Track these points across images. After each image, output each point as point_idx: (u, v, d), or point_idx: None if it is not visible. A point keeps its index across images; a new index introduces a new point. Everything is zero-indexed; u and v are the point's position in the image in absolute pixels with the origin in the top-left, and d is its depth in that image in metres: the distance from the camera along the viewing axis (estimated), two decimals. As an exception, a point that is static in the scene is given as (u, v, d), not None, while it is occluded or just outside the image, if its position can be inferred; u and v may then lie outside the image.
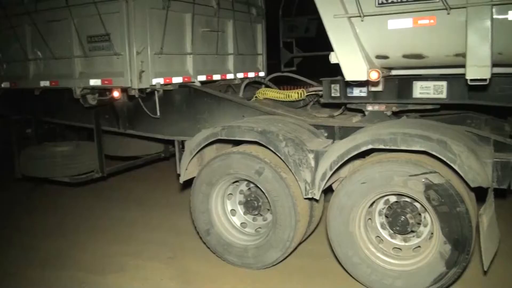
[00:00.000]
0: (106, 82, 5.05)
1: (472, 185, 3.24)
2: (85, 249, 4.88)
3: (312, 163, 3.82)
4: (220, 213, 4.40)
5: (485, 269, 3.27)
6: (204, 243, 4.49)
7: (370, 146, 3.49)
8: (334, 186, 4.00)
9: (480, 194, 3.51)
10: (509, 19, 3.29)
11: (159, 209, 6.10)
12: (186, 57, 5.38)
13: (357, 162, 3.87)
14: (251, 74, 6.45)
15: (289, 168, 3.86)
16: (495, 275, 3.96)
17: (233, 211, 4.48)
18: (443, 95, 3.99)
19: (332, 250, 3.89)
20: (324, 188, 3.80)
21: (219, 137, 4.20)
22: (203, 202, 4.35)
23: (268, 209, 4.25)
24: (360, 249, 3.71)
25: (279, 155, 3.87)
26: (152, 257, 4.59)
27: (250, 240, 4.30)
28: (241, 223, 4.48)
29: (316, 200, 3.93)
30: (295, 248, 4.24)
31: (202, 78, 5.54)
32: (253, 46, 6.59)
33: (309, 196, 3.81)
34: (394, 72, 4.17)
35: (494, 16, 3.29)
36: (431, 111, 4.44)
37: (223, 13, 5.86)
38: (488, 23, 3.28)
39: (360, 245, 3.71)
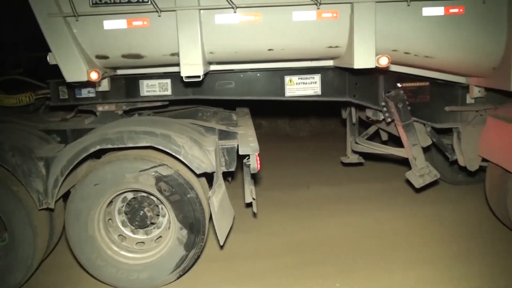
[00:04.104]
0: None
1: (198, 172, 3.53)
2: None
3: (43, 171, 3.61)
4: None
5: (221, 244, 3.61)
6: None
7: (98, 147, 3.49)
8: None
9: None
10: (216, 22, 3.59)
11: None
12: None
13: (93, 164, 3.84)
14: None
15: (18, 180, 3.58)
16: (231, 249, 4.42)
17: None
18: (169, 92, 4.23)
19: (76, 258, 3.77)
20: (59, 196, 3.65)
21: None
22: None
23: (6, 229, 3.86)
24: (103, 251, 3.69)
25: (6, 167, 3.56)
26: None
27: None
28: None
29: (52, 210, 3.74)
30: (40, 264, 3.97)
31: None
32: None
33: (44, 206, 3.60)
34: (120, 72, 4.22)
35: (202, 20, 3.55)
36: (164, 107, 4.65)
37: None
38: (197, 25, 3.52)
39: (102, 247, 3.69)
